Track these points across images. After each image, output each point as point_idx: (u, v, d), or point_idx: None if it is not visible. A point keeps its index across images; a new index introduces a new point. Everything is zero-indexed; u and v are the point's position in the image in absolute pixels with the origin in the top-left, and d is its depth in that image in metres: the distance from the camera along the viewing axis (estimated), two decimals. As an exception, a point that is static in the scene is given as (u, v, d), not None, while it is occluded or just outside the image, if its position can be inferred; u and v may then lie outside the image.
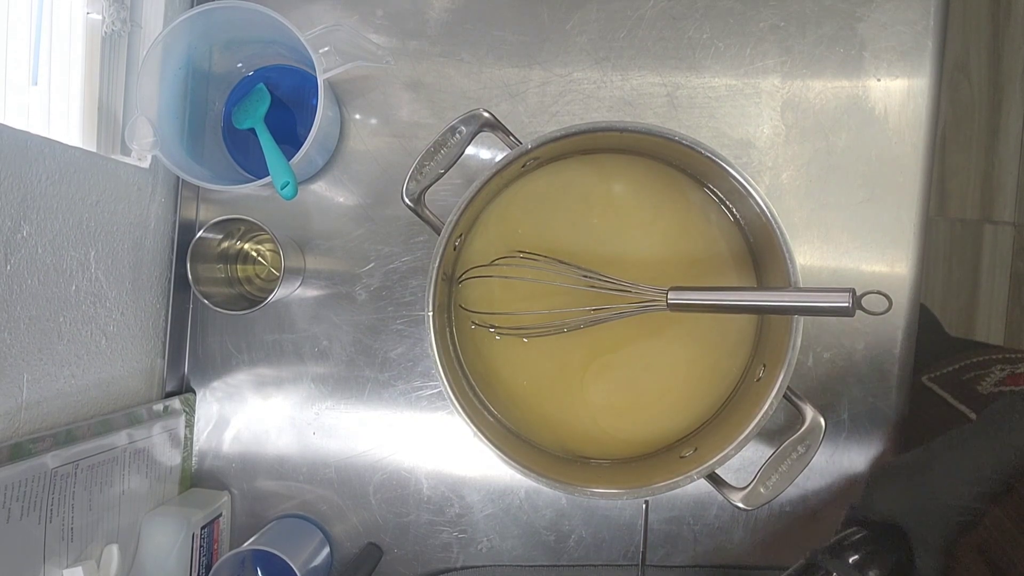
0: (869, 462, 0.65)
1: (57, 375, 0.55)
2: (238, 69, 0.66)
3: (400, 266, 0.67)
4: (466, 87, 0.66)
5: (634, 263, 0.58)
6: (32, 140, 0.51)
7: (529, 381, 0.59)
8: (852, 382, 0.65)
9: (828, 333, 0.64)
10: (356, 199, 0.67)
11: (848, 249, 0.64)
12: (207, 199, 0.69)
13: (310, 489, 0.68)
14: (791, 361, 0.50)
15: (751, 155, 0.65)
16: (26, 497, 0.49)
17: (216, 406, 0.68)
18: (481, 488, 0.67)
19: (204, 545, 0.64)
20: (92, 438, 0.55)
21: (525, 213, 0.59)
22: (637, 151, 0.58)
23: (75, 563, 0.53)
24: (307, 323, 0.68)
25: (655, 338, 0.58)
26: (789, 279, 0.51)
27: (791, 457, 0.51)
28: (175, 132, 0.62)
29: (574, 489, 0.52)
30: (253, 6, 0.57)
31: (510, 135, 0.54)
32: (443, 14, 0.66)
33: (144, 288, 0.65)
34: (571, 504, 0.67)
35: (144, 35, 0.62)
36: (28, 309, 0.51)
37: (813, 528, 0.65)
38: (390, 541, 0.68)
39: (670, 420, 0.59)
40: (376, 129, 0.67)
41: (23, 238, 0.50)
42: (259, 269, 0.70)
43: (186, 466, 0.68)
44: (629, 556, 0.66)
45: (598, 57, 0.66)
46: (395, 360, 0.67)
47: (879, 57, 0.64)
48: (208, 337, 0.68)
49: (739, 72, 0.65)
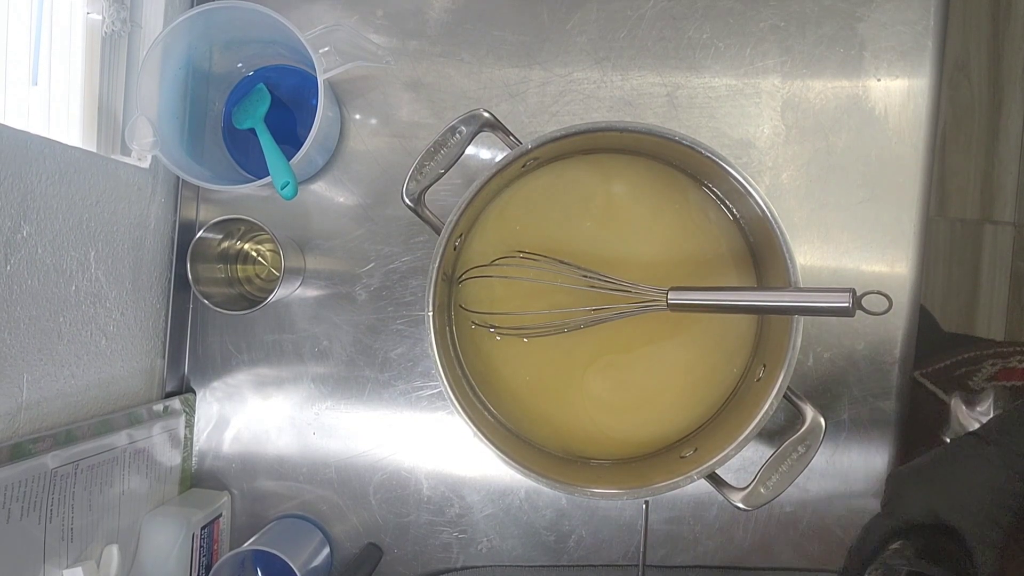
0: (868, 462, 0.65)
1: (57, 375, 0.55)
2: (238, 69, 0.66)
3: (400, 266, 0.67)
4: (466, 87, 0.66)
5: (634, 263, 0.58)
6: (32, 140, 0.51)
7: (529, 381, 0.59)
8: (852, 382, 0.65)
9: (828, 333, 0.64)
10: (356, 199, 0.67)
11: (848, 249, 0.64)
12: (207, 199, 0.69)
13: (310, 489, 0.68)
14: (791, 361, 0.50)
15: (751, 155, 0.65)
16: (26, 497, 0.49)
17: (216, 406, 0.68)
18: (481, 488, 0.67)
19: (204, 545, 0.64)
20: (92, 438, 0.55)
21: (525, 213, 0.59)
22: (637, 151, 0.58)
23: (75, 563, 0.53)
24: (307, 323, 0.68)
25: (655, 338, 0.58)
26: (789, 279, 0.51)
27: (791, 457, 0.51)
28: (175, 132, 0.62)
29: (574, 489, 0.52)
30: (253, 6, 0.57)
31: (510, 135, 0.54)
32: (443, 14, 0.66)
33: (144, 288, 0.65)
34: (571, 504, 0.67)
35: (144, 35, 0.62)
36: (28, 309, 0.51)
37: (813, 528, 0.65)
38: (390, 541, 0.68)
39: (670, 420, 0.59)
40: (376, 129, 0.67)
41: (23, 238, 0.50)
42: (259, 269, 0.70)
43: (186, 466, 0.68)
44: (629, 556, 0.66)
45: (598, 57, 0.66)
46: (395, 360, 0.67)
47: (879, 57, 0.64)
48: (208, 337, 0.68)
49: (739, 72, 0.65)
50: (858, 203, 0.64)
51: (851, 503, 0.65)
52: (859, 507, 0.65)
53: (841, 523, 0.65)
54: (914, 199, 0.64)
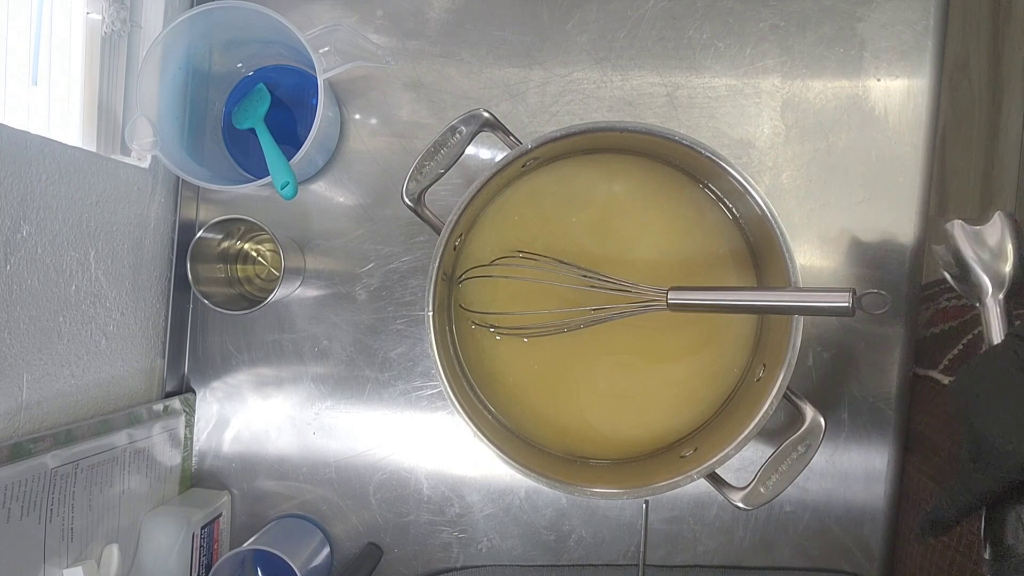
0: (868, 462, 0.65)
1: (57, 375, 0.55)
2: (238, 69, 0.66)
3: (400, 266, 0.67)
4: (466, 87, 0.66)
5: (634, 263, 0.58)
6: (32, 140, 0.51)
7: (529, 381, 0.59)
8: (852, 382, 0.65)
9: (828, 333, 0.64)
10: (356, 199, 0.67)
11: (848, 249, 0.64)
12: (207, 199, 0.69)
13: (310, 489, 0.68)
14: (791, 361, 0.50)
15: (751, 155, 0.65)
16: (26, 497, 0.49)
17: (216, 406, 0.68)
18: (481, 488, 0.67)
19: (204, 545, 0.64)
20: (92, 438, 0.55)
21: (525, 213, 0.59)
22: (637, 151, 0.58)
23: (75, 563, 0.53)
24: (307, 323, 0.68)
25: (656, 338, 0.58)
26: (789, 279, 0.51)
27: (791, 457, 0.51)
28: (175, 132, 0.62)
29: (574, 489, 0.52)
30: (253, 6, 0.57)
31: (510, 135, 0.54)
32: (443, 14, 0.66)
33: (144, 288, 0.65)
34: (571, 504, 0.67)
35: (144, 35, 0.62)
36: (28, 309, 0.51)
37: (813, 528, 0.65)
38: (390, 541, 0.68)
39: (670, 420, 0.59)
40: (376, 129, 0.67)
41: (23, 238, 0.50)
42: (259, 269, 0.70)
43: (186, 466, 0.68)
44: (629, 556, 0.66)
45: (598, 57, 0.66)
46: (395, 360, 0.67)
47: (879, 57, 0.64)
48: (208, 337, 0.68)
49: (739, 72, 0.65)
50: (858, 203, 0.64)
51: (851, 503, 0.65)
52: (859, 507, 0.65)
53: (841, 523, 0.65)
54: (914, 199, 0.64)
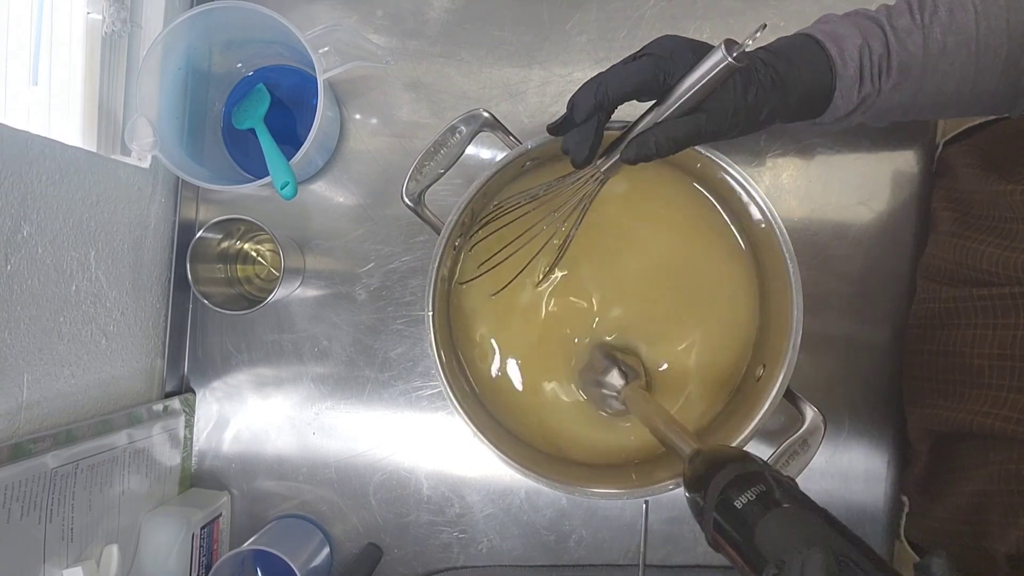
0: (868, 462, 0.65)
1: (57, 375, 0.55)
2: (238, 69, 0.66)
3: (400, 266, 0.67)
4: (466, 87, 0.66)
5: (634, 262, 0.58)
6: (32, 140, 0.51)
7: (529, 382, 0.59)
8: (852, 382, 0.65)
9: (828, 333, 0.64)
10: (356, 199, 0.67)
11: (848, 248, 0.64)
12: (207, 199, 0.69)
13: (310, 489, 0.68)
14: (791, 361, 0.50)
15: (751, 155, 0.65)
16: (26, 497, 0.49)
17: (216, 406, 0.68)
18: (481, 488, 0.67)
19: (204, 545, 0.64)
20: (92, 438, 0.55)
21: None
22: (637, 151, 0.58)
23: (75, 563, 0.53)
24: (307, 323, 0.68)
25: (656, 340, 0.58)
26: (789, 279, 0.51)
27: (791, 457, 0.51)
28: (175, 132, 0.62)
29: (574, 489, 0.52)
30: (253, 6, 0.57)
31: (510, 135, 0.54)
32: (443, 14, 0.66)
33: (144, 288, 0.65)
34: (571, 504, 0.67)
35: (144, 35, 0.62)
36: (28, 309, 0.51)
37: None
38: (390, 541, 0.68)
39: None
40: (376, 129, 0.67)
41: (23, 238, 0.50)
42: (259, 269, 0.70)
43: (186, 466, 0.68)
44: (629, 556, 0.66)
45: (598, 57, 0.66)
46: (395, 360, 0.67)
47: (879, 57, 0.64)
48: (208, 337, 0.68)
49: (739, 72, 0.65)
50: (858, 203, 0.64)
51: (851, 503, 0.65)
52: (859, 507, 0.65)
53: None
54: (914, 199, 0.64)
